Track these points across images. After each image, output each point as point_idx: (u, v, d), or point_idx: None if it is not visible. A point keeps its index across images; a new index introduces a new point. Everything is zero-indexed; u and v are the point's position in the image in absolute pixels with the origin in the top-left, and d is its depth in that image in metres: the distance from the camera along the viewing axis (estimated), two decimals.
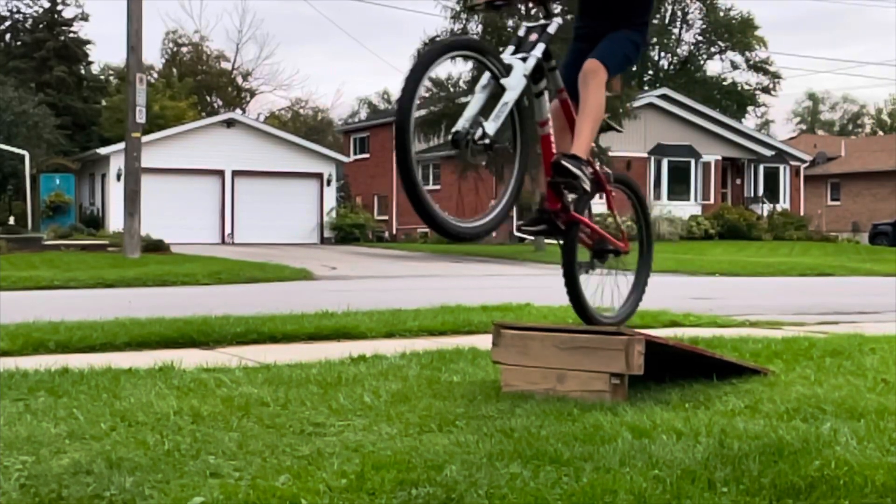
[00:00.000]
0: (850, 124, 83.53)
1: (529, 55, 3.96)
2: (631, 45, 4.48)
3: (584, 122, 4.29)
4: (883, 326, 8.13)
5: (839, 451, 3.29)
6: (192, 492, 2.89)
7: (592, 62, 4.32)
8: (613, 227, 4.80)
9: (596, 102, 4.29)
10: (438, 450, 3.42)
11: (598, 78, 4.30)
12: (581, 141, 4.26)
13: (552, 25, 4.09)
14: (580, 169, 4.10)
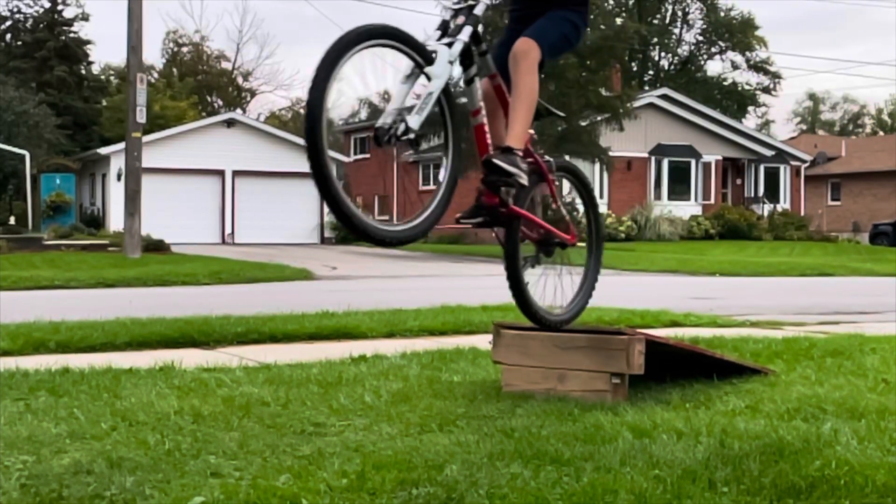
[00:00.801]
0: (850, 124, 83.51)
1: (455, 40, 3.67)
2: (569, 24, 4.20)
3: (517, 109, 4.00)
4: (884, 326, 8.13)
5: (840, 451, 3.29)
6: (192, 491, 2.89)
7: (524, 41, 4.02)
8: (559, 218, 4.62)
9: (528, 86, 3.98)
10: (439, 450, 3.42)
11: (529, 58, 3.98)
12: (515, 130, 3.98)
13: (479, 6, 3.82)
14: (514, 165, 3.84)
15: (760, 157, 38.88)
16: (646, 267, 22.35)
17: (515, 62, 3.99)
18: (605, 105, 27.75)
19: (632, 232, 33.77)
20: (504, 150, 3.89)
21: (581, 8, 4.23)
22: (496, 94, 4.12)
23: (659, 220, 34.47)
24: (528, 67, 3.97)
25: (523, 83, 3.97)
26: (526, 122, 3.99)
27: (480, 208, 4.02)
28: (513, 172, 3.83)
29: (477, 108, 3.92)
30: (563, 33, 4.17)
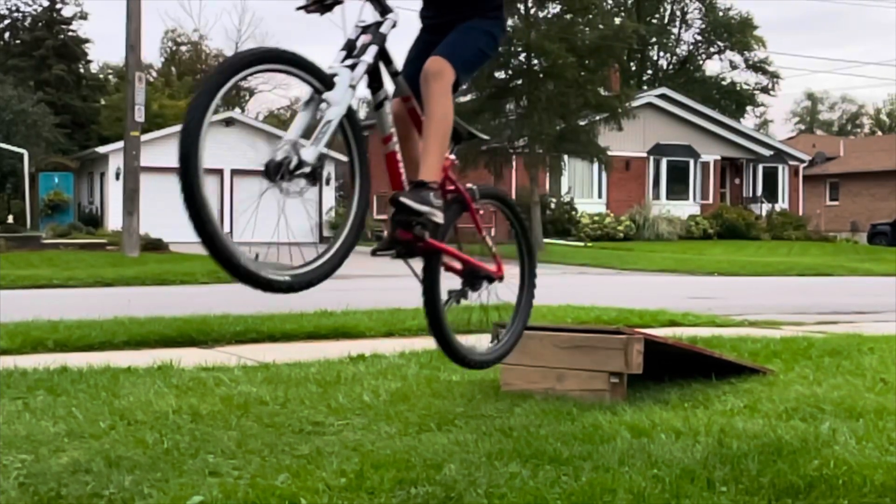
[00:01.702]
0: (848, 124, 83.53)
1: (359, 61, 3.39)
2: (484, 36, 3.90)
3: (430, 137, 3.67)
4: (881, 326, 8.14)
5: (838, 451, 3.29)
6: (191, 490, 2.89)
7: (435, 61, 3.71)
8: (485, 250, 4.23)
9: (441, 111, 3.67)
10: (437, 449, 3.42)
11: (442, 80, 3.67)
12: (428, 162, 3.64)
13: (386, 23, 3.55)
14: (426, 202, 3.52)
15: (759, 157, 38.89)
16: (644, 266, 22.36)
17: (427, 84, 3.68)
18: (604, 105, 27.73)
19: (630, 231, 33.77)
20: (416, 185, 3.58)
21: (496, 14, 3.95)
22: (410, 116, 3.83)
23: (657, 219, 34.46)
24: (441, 90, 3.67)
25: (436, 108, 3.66)
26: (441, 152, 3.67)
27: (395, 242, 3.67)
28: (423, 212, 3.53)
29: (388, 135, 3.63)
30: (478, 48, 3.88)
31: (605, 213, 34.34)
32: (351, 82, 3.31)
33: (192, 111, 2.85)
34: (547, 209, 31.84)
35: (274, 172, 3.10)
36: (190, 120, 2.84)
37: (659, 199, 35.96)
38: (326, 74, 3.27)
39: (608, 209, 34.79)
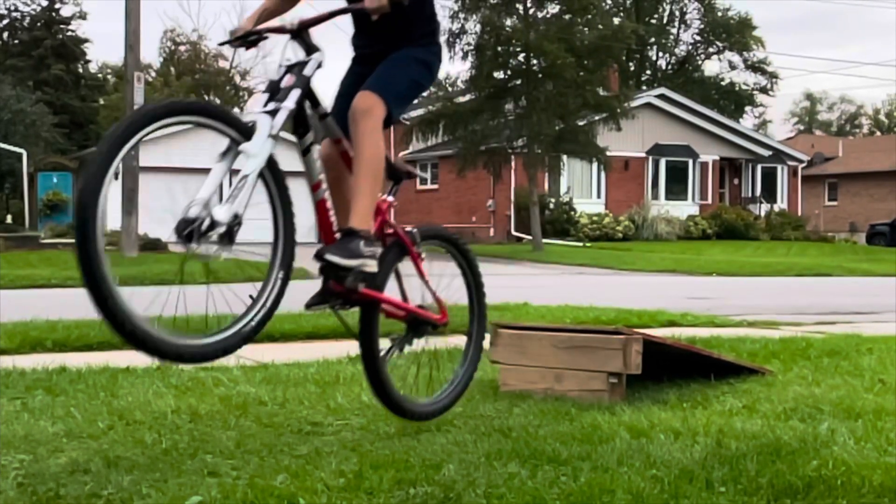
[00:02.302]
0: (847, 125, 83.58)
1: (280, 107, 3.12)
2: (418, 66, 3.64)
3: (360, 179, 3.41)
4: (880, 327, 8.15)
5: (837, 451, 3.29)
6: (189, 491, 2.88)
7: (364, 97, 3.44)
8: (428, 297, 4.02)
9: (371, 151, 3.40)
10: (436, 449, 3.42)
11: (371, 117, 3.42)
12: (358, 207, 3.39)
13: (310, 64, 3.29)
14: (356, 254, 3.31)
15: (758, 158, 38.91)
16: (643, 267, 22.37)
17: (355, 123, 3.43)
18: (603, 105, 27.75)
19: (629, 232, 33.79)
20: (345, 234, 3.38)
21: (430, 41, 3.71)
22: (342, 159, 3.59)
23: (656, 219, 34.48)
24: (371, 128, 3.41)
25: (366, 147, 3.40)
26: (372, 194, 3.42)
27: (329, 294, 3.46)
28: (352, 266, 3.31)
29: (316, 182, 3.38)
30: (410, 79, 3.61)
31: (604, 213, 34.35)
32: (271, 132, 3.06)
33: (89, 181, 2.61)
34: (546, 209, 31.85)
35: (184, 235, 2.89)
36: (86, 189, 2.60)
37: (658, 200, 35.99)
38: (244, 124, 3.03)
39: (607, 209, 34.81)
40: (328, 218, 3.45)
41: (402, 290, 3.83)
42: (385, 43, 3.63)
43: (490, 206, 34.74)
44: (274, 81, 3.25)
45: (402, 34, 3.63)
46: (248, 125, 3.04)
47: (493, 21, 27.28)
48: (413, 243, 3.79)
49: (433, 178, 38.25)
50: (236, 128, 3.01)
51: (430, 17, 3.72)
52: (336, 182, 3.57)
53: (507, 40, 27.44)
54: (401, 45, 3.63)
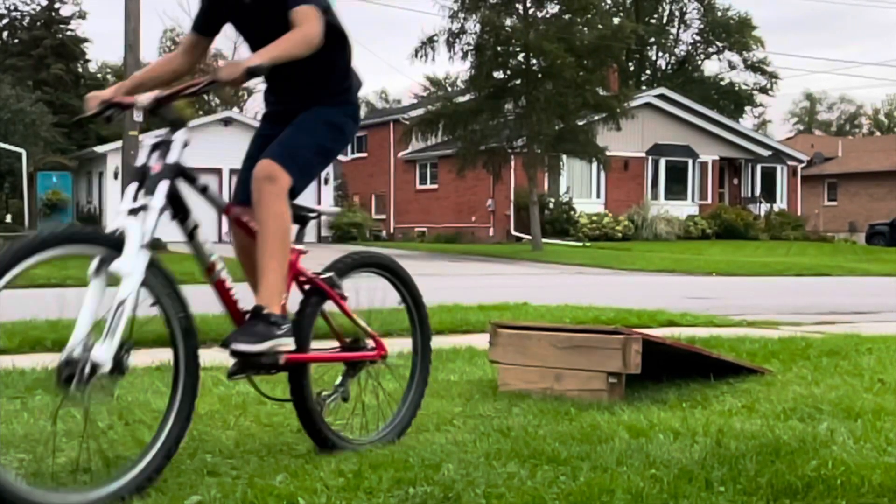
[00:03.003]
0: (847, 124, 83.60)
1: (148, 208, 2.91)
2: (328, 129, 3.43)
3: (265, 253, 3.21)
4: (880, 327, 8.15)
5: (836, 451, 3.29)
6: (189, 490, 2.89)
7: (266, 165, 3.25)
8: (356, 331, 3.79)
9: (275, 222, 3.21)
10: (436, 449, 3.42)
11: (274, 187, 3.22)
12: (265, 285, 3.19)
13: (174, 147, 3.13)
14: (266, 337, 3.10)
15: (757, 157, 38.92)
16: (642, 266, 22.37)
17: (256, 192, 3.24)
18: (603, 105, 27.75)
19: (628, 231, 33.79)
20: (253, 315, 3.17)
21: (344, 99, 3.51)
22: (238, 227, 3.41)
23: (656, 219, 34.49)
24: (273, 196, 3.21)
25: (269, 220, 3.20)
26: (279, 270, 3.21)
27: (249, 366, 3.23)
28: (264, 350, 3.10)
29: (209, 265, 3.19)
30: (318, 145, 3.39)
31: (604, 213, 34.35)
32: (142, 242, 2.83)
33: None
34: (545, 209, 31.86)
35: (66, 383, 2.65)
36: None
37: (657, 199, 35.99)
38: (112, 239, 2.80)
39: (606, 209, 34.81)
40: (231, 298, 3.25)
41: (333, 331, 3.67)
42: (297, 102, 3.44)
43: (490, 206, 34.74)
44: (141, 166, 3.03)
45: (313, 91, 3.44)
46: (116, 239, 2.80)
47: (493, 21, 27.27)
48: (332, 286, 3.56)
49: (433, 177, 38.26)
50: (105, 244, 2.79)
51: (343, 74, 3.52)
52: (242, 249, 3.43)
53: (507, 40, 27.44)
54: (311, 103, 3.43)
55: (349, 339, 3.71)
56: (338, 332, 3.67)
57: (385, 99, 71.51)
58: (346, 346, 3.69)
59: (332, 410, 3.60)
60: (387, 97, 71.63)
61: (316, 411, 3.43)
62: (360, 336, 3.73)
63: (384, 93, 72.43)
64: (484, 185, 33.41)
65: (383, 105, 68.70)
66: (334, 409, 3.63)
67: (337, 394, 3.60)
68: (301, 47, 3.11)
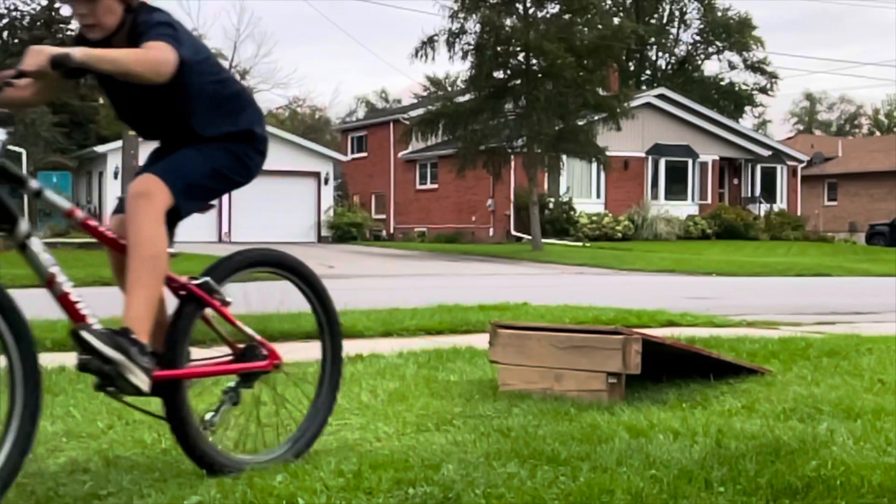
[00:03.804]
0: (847, 125, 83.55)
1: None
2: (227, 156, 3.19)
3: (134, 275, 2.95)
4: (880, 327, 8.14)
5: (836, 452, 3.29)
6: (188, 490, 2.89)
7: (143, 179, 3.03)
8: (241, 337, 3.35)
9: (147, 247, 2.94)
10: (436, 449, 3.42)
11: (149, 203, 2.96)
12: (132, 305, 2.95)
13: None
14: (120, 349, 2.85)
15: (757, 157, 38.91)
16: (642, 267, 22.37)
17: (129, 208, 2.97)
18: (603, 104, 27.75)
19: (628, 231, 33.79)
20: (119, 331, 2.92)
21: (242, 141, 3.24)
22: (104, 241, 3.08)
23: (656, 219, 34.48)
24: (145, 218, 2.94)
25: (139, 241, 2.93)
26: (147, 293, 2.95)
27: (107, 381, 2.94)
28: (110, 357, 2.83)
29: (49, 277, 2.88)
30: (213, 169, 3.14)
31: (604, 213, 34.35)
32: None
33: None
34: (545, 209, 31.85)
35: None
36: None
37: (657, 199, 35.98)
38: None
39: (607, 209, 34.81)
40: (77, 311, 2.94)
41: (222, 339, 3.32)
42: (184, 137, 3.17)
43: (490, 206, 34.74)
44: None
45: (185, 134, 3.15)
46: None
47: (493, 21, 27.27)
48: (209, 292, 3.19)
49: (433, 177, 38.26)
50: None
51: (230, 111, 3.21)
52: (113, 265, 3.19)
53: (507, 40, 27.44)
54: (183, 145, 3.17)
55: (243, 345, 3.33)
56: (228, 340, 3.33)
57: (385, 99, 71.52)
58: (240, 353, 3.31)
59: (223, 424, 3.29)
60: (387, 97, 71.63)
61: (195, 432, 3.10)
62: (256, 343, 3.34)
63: (384, 92, 72.43)
64: (484, 185, 33.41)
65: (383, 105, 68.71)
66: (224, 423, 3.30)
67: (225, 403, 3.25)
68: (142, 66, 2.83)
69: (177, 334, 3.09)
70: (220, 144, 3.17)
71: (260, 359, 3.33)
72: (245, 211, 34.41)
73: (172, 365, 3.05)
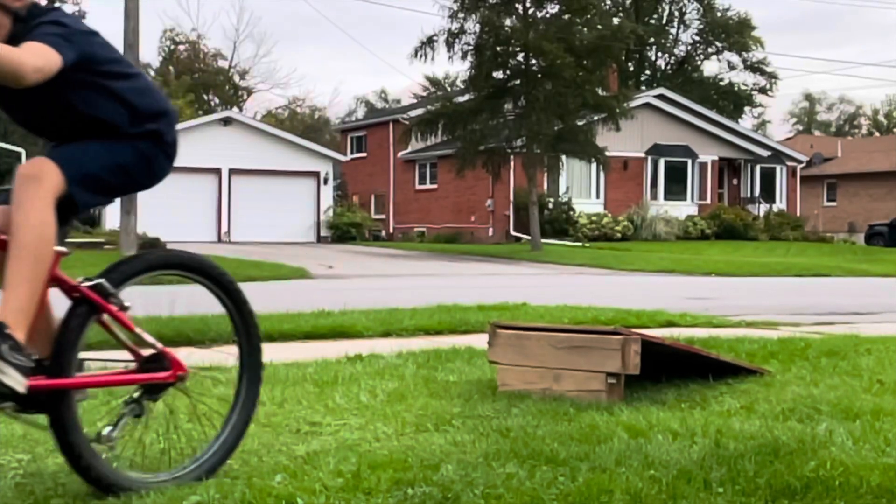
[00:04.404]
0: (846, 125, 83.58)
1: None
2: (132, 152, 2.99)
3: (14, 266, 2.69)
4: (879, 327, 8.15)
5: (835, 452, 3.29)
6: (188, 490, 2.89)
7: (33, 162, 2.84)
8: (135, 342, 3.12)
9: (32, 231, 2.71)
10: (435, 449, 3.43)
11: (39, 188, 2.74)
12: (9, 298, 2.70)
13: None
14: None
15: (756, 158, 38.91)
16: (642, 267, 22.37)
17: (17, 191, 2.73)
18: (602, 105, 27.76)
19: (628, 232, 33.80)
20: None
21: (151, 142, 3.04)
22: None
23: (655, 219, 34.49)
24: (34, 202, 2.72)
25: (24, 225, 2.69)
26: (29, 289, 2.71)
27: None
28: None
29: None
30: (117, 164, 2.94)
31: (603, 213, 34.36)
32: None
33: None
34: (545, 209, 31.86)
35: None
36: None
37: (657, 200, 35.99)
38: None
39: (606, 209, 34.82)
40: None
41: (123, 345, 3.11)
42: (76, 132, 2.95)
43: (489, 206, 34.75)
44: None
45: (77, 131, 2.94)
46: None
47: (493, 21, 27.27)
48: (104, 296, 2.94)
49: (432, 177, 38.26)
50: None
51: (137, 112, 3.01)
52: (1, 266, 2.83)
53: (507, 40, 27.44)
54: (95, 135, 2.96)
55: (149, 352, 3.10)
56: (131, 347, 3.10)
57: (385, 99, 71.54)
58: (143, 362, 3.09)
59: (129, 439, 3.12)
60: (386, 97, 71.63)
61: (82, 444, 2.85)
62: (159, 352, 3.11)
63: (384, 93, 72.46)
64: (483, 185, 33.41)
65: (383, 105, 68.72)
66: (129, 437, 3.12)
67: (126, 416, 3.00)
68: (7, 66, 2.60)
69: (65, 341, 2.83)
70: (128, 142, 2.99)
71: (162, 369, 3.08)
72: (244, 211, 34.42)
73: (59, 373, 2.79)
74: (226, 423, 3.24)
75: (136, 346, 3.08)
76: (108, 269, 3.00)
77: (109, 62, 2.98)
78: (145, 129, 3.01)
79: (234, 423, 3.24)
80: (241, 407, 3.27)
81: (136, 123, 2.99)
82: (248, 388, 3.31)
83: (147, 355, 3.08)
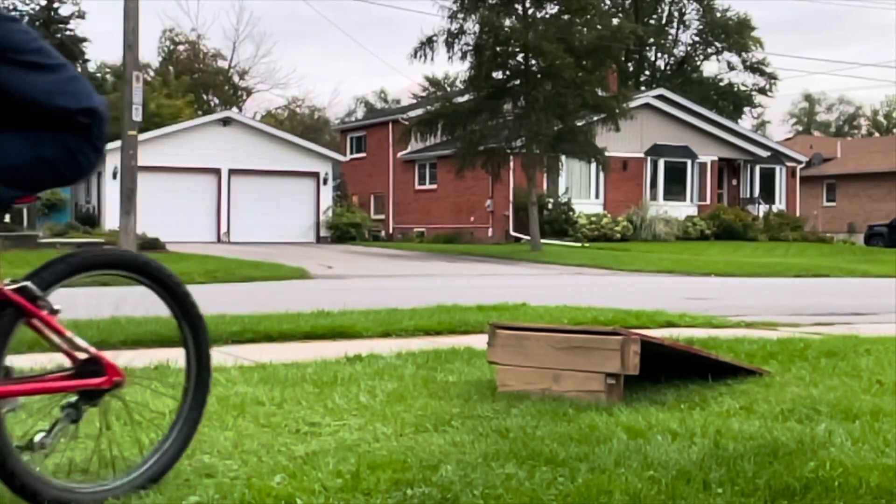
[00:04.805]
0: (846, 125, 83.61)
1: None
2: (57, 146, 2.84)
3: None
4: (878, 328, 8.15)
5: (834, 453, 3.30)
6: (187, 491, 2.89)
7: None
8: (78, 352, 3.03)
9: None
10: (434, 450, 3.43)
11: None
12: None
13: None
14: None
15: (756, 158, 38.92)
16: (641, 267, 22.37)
17: None
18: (602, 105, 27.75)
19: (627, 232, 33.80)
20: None
21: (77, 134, 2.86)
22: None
23: (655, 220, 34.49)
24: None
25: None
26: None
27: None
28: None
29: None
30: (38, 157, 2.79)
31: (603, 213, 34.36)
32: None
33: None
34: (544, 210, 31.85)
35: None
36: None
37: (656, 200, 35.99)
38: None
39: (605, 210, 34.82)
40: None
41: (58, 349, 3.04)
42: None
43: (489, 207, 34.74)
44: None
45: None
46: None
47: (492, 21, 27.27)
48: (31, 298, 2.88)
49: (432, 178, 38.25)
50: None
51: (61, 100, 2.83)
52: None
53: (506, 40, 27.44)
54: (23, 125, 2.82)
55: (86, 356, 3.00)
56: (67, 351, 3.01)
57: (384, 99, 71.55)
58: (80, 365, 3.01)
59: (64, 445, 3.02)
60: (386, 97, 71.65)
61: (6, 451, 2.78)
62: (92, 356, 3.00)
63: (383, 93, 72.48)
64: (483, 185, 33.41)
65: (382, 105, 68.74)
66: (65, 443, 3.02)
67: (62, 421, 2.91)
68: None
69: None
70: (51, 133, 2.82)
71: (96, 375, 2.96)
72: (244, 211, 34.41)
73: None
74: (171, 429, 3.13)
75: (72, 349, 2.97)
76: (38, 269, 2.87)
77: (29, 52, 2.80)
78: (69, 121, 2.83)
79: (179, 430, 3.11)
80: (189, 410, 3.14)
81: (58, 115, 2.81)
82: (195, 393, 3.16)
83: (83, 360, 2.97)
